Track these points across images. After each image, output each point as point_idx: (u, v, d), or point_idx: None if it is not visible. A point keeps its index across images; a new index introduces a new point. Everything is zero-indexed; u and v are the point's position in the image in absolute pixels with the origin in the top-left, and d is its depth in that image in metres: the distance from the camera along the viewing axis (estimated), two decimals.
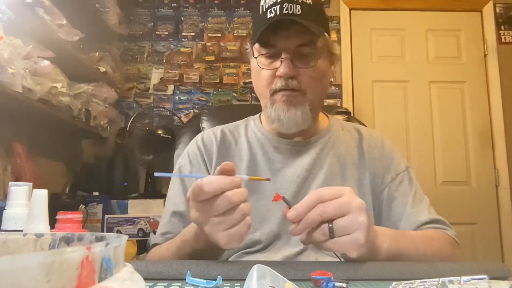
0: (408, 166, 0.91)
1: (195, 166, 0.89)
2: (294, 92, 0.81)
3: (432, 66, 2.62)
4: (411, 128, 2.56)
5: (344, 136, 0.93)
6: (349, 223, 0.56)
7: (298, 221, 0.57)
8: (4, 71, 1.28)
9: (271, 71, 0.82)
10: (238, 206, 0.55)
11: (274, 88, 0.82)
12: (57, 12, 1.63)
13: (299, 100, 0.82)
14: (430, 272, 0.56)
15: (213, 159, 0.89)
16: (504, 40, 2.59)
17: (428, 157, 2.52)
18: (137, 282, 0.27)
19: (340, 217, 0.57)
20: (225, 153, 0.90)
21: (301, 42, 0.80)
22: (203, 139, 0.93)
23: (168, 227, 0.84)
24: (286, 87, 0.81)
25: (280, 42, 0.80)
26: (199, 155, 0.90)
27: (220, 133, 0.93)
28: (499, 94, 2.53)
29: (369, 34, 2.67)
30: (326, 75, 0.87)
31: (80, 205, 1.82)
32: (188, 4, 2.69)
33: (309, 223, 0.57)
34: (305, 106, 0.82)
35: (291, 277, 0.49)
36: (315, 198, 0.57)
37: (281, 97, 0.82)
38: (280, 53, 0.81)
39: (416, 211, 0.82)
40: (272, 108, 0.83)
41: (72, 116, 1.80)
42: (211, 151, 0.90)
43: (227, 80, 2.58)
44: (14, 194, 0.67)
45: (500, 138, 2.50)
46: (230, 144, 0.92)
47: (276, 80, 0.81)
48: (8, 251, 0.33)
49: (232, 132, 0.94)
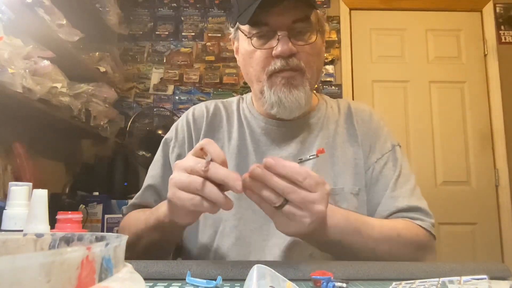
0: (395, 145, 0.86)
1: (179, 141, 0.87)
2: (294, 72, 0.76)
3: (432, 66, 2.62)
4: (411, 128, 2.56)
5: (333, 113, 0.88)
6: (307, 200, 0.53)
7: (260, 178, 0.54)
8: (4, 71, 1.28)
9: (266, 52, 0.76)
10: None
11: (272, 69, 0.76)
12: (57, 12, 1.63)
13: (299, 81, 0.76)
14: (430, 272, 0.56)
15: (201, 134, 0.86)
16: (504, 40, 2.59)
17: (428, 157, 2.52)
18: (137, 282, 0.27)
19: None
20: (215, 128, 0.87)
21: (295, 18, 0.74)
22: (194, 113, 0.90)
23: (140, 199, 0.85)
24: (286, 67, 0.75)
25: (273, 19, 0.74)
26: (187, 130, 0.87)
27: (213, 107, 0.90)
28: (499, 94, 2.53)
29: (369, 34, 2.67)
30: (322, 52, 0.82)
31: (80, 205, 1.81)
32: (188, 4, 2.68)
33: (272, 186, 0.53)
34: (305, 86, 0.77)
35: (291, 277, 0.49)
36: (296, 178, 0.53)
37: (280, 79, 0.76)
38: (274, 31, 0.75)
39: (395, 196, 0.78)
40: (271, 92, 0.77)
41: (72, 116, 1.80)
42: (200, 125, 0.87)
43: (227, 80, 2.58)
44: (14, 194, 0.67)
45: (500, 138, 2.50)
46: (222, 119, 0.88)
47: (274, 61, 0.75)
48: (8, 251, 0.33)
49: (226, 108, 0.90)
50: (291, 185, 0.53)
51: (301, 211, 0.54)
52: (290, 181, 0.53)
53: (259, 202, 0.56)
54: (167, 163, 0.86)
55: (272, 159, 0.54)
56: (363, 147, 0.84)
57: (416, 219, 0.77)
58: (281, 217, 0.56)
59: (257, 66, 0.78)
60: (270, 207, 0.55)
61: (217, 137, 0.86)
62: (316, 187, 0.54)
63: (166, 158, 0.87)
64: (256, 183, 0.54)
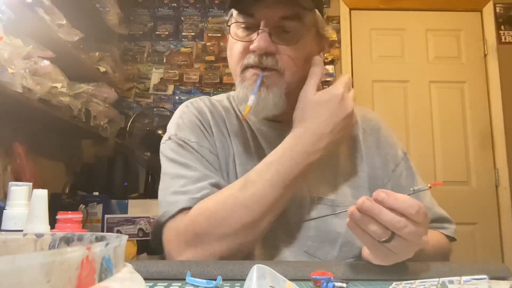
0: (405, 152, 0.84)
1: (199, 136, 0.76)
2: (269, 71, 0.69)
3: (432, 66, 2.62)
4: (411, 128, 2.56)
5: None
6: (416, 234, 0.51)
7: (369, 212, 0.51)
8: (4, 71, 1.28)
9: (245, 44, 0.70)
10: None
11: (245, 64, 0.70)
12: (57, 12, 1.63)
13: (273, 81, 0.69)
14: (430, 272, 0.56)
15: (211, 127, 0.78)
16: (504, 40, 2.59)
17: (428, 157, 2.52)
18: (137, 282, 0.27)
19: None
20: (220, 123, 0.79)
21: (284, 14, 0.68)
22: (195, 107, 0.81)
23: (207, 191, 0.68)
24: (258, 64, 0.69)
25: (260, 11, 0.68)
26: (199, 123, 0.77)
27: (209, 102, 0.82)
28: (499, 94, 2.53)
29: (369, 34, 2.67)
30: (311, 57, 0.73)
31: (80, 205, 1.81)
32: (188, 4, 2.68)
33: (381, 221, 0.50)
34: (280, 88, 0.69)
35: (291, 277, 0.49)
36: (404, 211, 0.50)
37: (251, 75, 0.70)
38: (258, 24, 0.68)
39: None
40: (241, 86, 0.71)
41: (72, 116, 1.80)
42: (207, 120, 0.78)
43: (227, 80, 2.57)
44: (14, 194, 0.67)
45: (500, 138, 2.50)
46: (223, 115, 0.81)
47: (249, 55, 0.69)
48: (8, 251, 0.33)
49: (221, 104, 0.84)
50: (402, 219, 0.50)
51: (407, 244, 0.51)
52: (401, 214, 0.50)
53: (361, 235, 0.53)
54: (201, 157, 0.74)
55: (383, 192, 0.50)
56: (367, 161, 0.80)
57: (442, 228, 0.78)
58: (383, 250, 0.53)
59: (234, 58, 0.73)
60: (372, 240, 0.52)
61: (224, 131, 0.79)
62: (424, 219, 0.51)
63: (197, 154, 0.74)
64: (365, 217, 0.51)
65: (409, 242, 0.51)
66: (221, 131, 0.78)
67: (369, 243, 0.53)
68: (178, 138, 0.76)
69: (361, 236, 0.53)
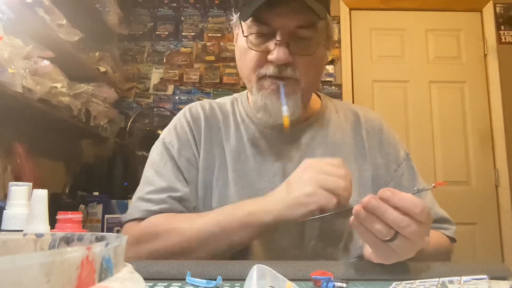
0: (407, 153, 0.85)
1: (183, 144, 0.79)
2: (287, 80, 0.71)
3: (432, 66, 2.62)
4: (411, 128, 2.56)
5: (339, 120, 0.84)
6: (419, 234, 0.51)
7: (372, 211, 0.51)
8: (4, 71, 1.28)
9: (261, 53, 0.71)
10: None
11: (263, 73, 0.72)
12: (57, 12, 1.63)
13: (291, 89, 0.72)
14: (430, 272, 0.56)
15: (201, 135, 0.80)
16: (504, 40, 2.59)
17: (428, 157, 2.52)
18: (137, 282, 0.27)
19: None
20: (213, 128, 0.81)
21: (300, 23, 0.69)
22: (191, 113, 0.83)
23: (161, 205, 0.73)
24: (278, 75, 0.71)
25: (277, 20, 0.69)
26: (189, 131, 0.80)
27: (208, 107, 0.84)
28: (499, 94, 2.53)
29: (369, 34, 2.67)
30: (323, 62, 0.78)
31: (80, 205, 1.81)
32: (188, 4, 2.68)
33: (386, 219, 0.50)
34: (297, 95, 0.72)
35: (291, 277, 0.49)
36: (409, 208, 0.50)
37: (270, 84, 0.72)
38: (275, 33, 0.69)
39: None
40: (259, 95, 0.73)
41: (72, 116, 1.80)
42: (199, 127, 0.81)
43: (227, 80, 2.58)
44: (14, 194, 0.67)
45: (500, 138, 2.50)
46: (219, 121, 0.82)
47: (267, 65, 0.71)
48: (8, 251, 0.33)
49: (221, 109, 0.85)
50: (406, 217, 0.50)
51: (409, 243, 0.51)
52: (405, 213, 0.50)
53: (365, 234, 0.53)
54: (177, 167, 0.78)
55: (388, 190, 0.50)
56: (370, 160, 0.80)
57: (442, 229, 0.78)
58: (385, 249, 0.53)
59: (250, 66, 0.74)
60: (376, 239, 0.52)
61: (216, 139, 0.81)
62: (428, 219, 0.51)
63: (174, 162, 0.78)
64: (370, 216, 0.51)
65: (412, 242, 0.51)
66: (212, 140, 0.81)
67: (372, 242, 0.54)
68: (163, 142, 0.81)
69: (365, 234, 0.53)
